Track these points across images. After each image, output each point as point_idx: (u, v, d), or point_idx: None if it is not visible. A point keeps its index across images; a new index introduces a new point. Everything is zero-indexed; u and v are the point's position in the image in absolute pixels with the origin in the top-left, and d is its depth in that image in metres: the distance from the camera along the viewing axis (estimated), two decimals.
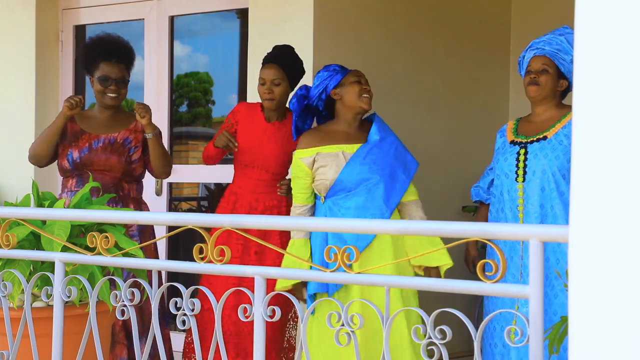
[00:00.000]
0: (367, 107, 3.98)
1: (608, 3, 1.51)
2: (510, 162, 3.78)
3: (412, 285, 2.74)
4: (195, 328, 2.48)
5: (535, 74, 3.76)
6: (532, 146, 3.76)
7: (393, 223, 2.50)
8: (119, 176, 4.30)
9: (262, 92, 4.29)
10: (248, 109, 4.39)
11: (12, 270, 2.95)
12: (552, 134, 3.74)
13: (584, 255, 1.55)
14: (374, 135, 3.97)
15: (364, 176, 3.88)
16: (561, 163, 3.66)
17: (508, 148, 3.84)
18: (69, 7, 5.99)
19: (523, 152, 3.76)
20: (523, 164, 3.74)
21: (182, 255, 5.57)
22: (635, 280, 1.48)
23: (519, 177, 3.74)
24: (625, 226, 1.49)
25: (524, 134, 3.83)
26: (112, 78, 4.31)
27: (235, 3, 5.44)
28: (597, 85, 1.53)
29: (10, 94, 5.92)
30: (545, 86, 3.76)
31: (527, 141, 3.79)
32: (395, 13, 5.33)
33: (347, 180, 3.89)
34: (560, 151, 3.67)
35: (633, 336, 1.48)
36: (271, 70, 4.27)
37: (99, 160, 4.28)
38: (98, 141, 4.32)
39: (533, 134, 3.80)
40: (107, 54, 4.35)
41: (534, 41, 3.83)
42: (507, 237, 2.18)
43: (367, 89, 3.99)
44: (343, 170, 3.89)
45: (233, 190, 4.36)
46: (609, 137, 1.51)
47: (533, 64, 3.78)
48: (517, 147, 3.80)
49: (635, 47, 1.48)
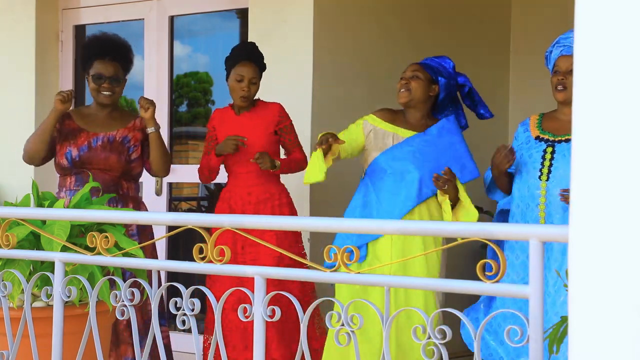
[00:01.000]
0: (401, 101, 4.07)
1: (608, 3, 1.51)
2: (536, 159, 3.71)
3: (412, 285, 2.74)
4: (195, 328, 2.48)
5: (563, 76, 3.69)
6: (561, 146, 3.68)
7: (393, 223, 2.50)
8: (118, 175, 4.30)
9: (238, 89, 4.35)
10: (220, 112, 4.49)
11: (12, 270, 2.95)
12: None
13: (584, 255, 1.55)
14: (432, 129, 4.03)
15: (402, 163, 3.95)
16: None
17: (533, 144, 3.76)
18: (69, 7, 5.99)
19: (550, 151, 3.69)
20: (549, 163, 3.67)
21: (182, 255, 5.57)
22: (635, 280, 1.48)
23: (542, 175, 3.67)
24: (625, 226, 1.49)
25: (551, 132, 3.76)
26: (106, 76, 4.31)
27: (235, 3, 5.44)
28: (597, 86, 1.53)
29: (10, 94, 5.91)
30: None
31: (554, 139, 3.71)
32: (395, 13, 5.33)
33: (383, 162, 3.98)
34: None
35: (633, 336, 1.48)
36: (250, 69, 4.34)
37: (99, 159, 4.27)
38: (97, 139, 4.30)
39: (561, 133, 3.72)
40: (101, 52, 4.34)
41: (561, 37, 3.75)
42: (507, 237, 2.18)
43: (403, 83, 4.06)
44: (385, 151, 3.99)
45: (227, 189, 4.44)
46: (609, 138, 1.51)
47: (561, 63, 3.71)
48: (544, 144, 3.72)
49: (636, 47, 1.48)
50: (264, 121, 4.36)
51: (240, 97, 4.35)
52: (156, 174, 4.50)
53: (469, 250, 5.05)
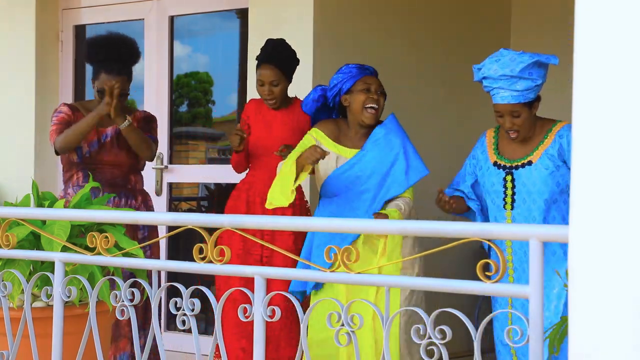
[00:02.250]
0: (369, 122, 3.89)
1: (608, 3, 1.51)
2: (497, 189, 3.61)
3: (412, 285, 2.73)
4: (195, 328, 2.48)
5: (510, 123, 3.54)
6: (518, 172, 3.58)
7: (393, 223, 2.50)
8: (126, 169, 4.37)
9: (261, 93, 4.34)
10: (256, 102, 4.46)
11: (12, 270, 2.95)
12: (536, 158, 3.57)
13: (584, 255, 1.55)
14: (369, 141, 3.88)
15: (351, 183, 3.85)
16: (551, 189, 3.51)
17: (493, 171, 3.64)
18: (69, 7, 5.99)
19: (510, 179, 3.59)
20: (511, 192, 3.57)
21: (182, 255, 5.57)
22: (635, 280, 1.48)
23: (507, 204, 3.58)
24: (625, 226, 1.49)
25: (508, 157, 3.64)
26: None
27: (235, 3, 5.44)
28: (597, 86, 1.53)
29: (10, 94, 5.91)
30: (524, 123, 3.54)
31: (512, 165, 3.60)
32: (395, 13, 5.33)
33: (332, 185, 3.88)
34: (548, 176, 3.52)
35: (633, 336, 1.48)
36: (268, 72, 4.29)
37: (109, 157, 4.33)
38: (106, 135, 4.34)
39: (516, 157, 3.61)
40: (110, 64, 4.32)
41: (489, 73, 3.54)
42: (507, 237, 2.18)
43: (375, 99, 3.87)
44: (331, 175, 3.88)
45: (247, 180, 4.38)
46: (609, 138, 1.51)
47: (501, 108, 3.54)
48: (502, 171, 3.61)
49: (635, 47, 1.48)
50: (297, 119, 4.34)
51: (266, 101, 4.34)
52: (144, 160, 4.52)
53: (469, 250, 5.05)
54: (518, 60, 3.48)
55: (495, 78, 3.50)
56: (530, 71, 3.47)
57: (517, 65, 3.46)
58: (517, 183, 3.56)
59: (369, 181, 3.83)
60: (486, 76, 3.54)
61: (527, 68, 3.46)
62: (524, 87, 3.47)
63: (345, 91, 3.91)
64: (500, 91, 3.50)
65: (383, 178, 3.83)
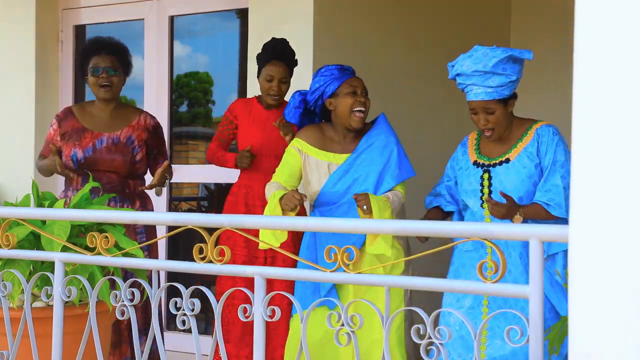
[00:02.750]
0: (357, 126, 3.78)
1: (608, 3, 1.51)
2: (475, 187, 3.53)
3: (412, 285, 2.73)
4: (195, 328, 2.48)
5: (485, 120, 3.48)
6: (495, 170, 3.50)
7: (393, 223, 2.50)
8: (124, 175, 4.30)
9: (267, 89, 4.32)
10: (244, 103, 4.45)
11: (12, 270, 2.95)
12: (514, 156, 3.49)
13: (584, 255, 1.55)
14: (362, 145, 3.80)
15: (347, 188, 3.75)
16: (527, 188, 3.43)
17: (472, 170, 3.57)
18: (69, 7, 5.99)
19: (487, 177, 3.51)
20: (488, 190, 3.49)
21: (182, 255, 5.57)
22: (636, 280, 1.48)
23: (484, 203, 3.48)
24: (625, 226, 1.49)
25: (487, 155, 3.57)
26: (102, 67, 4.29)
27: (235, 3, 5.44)
28: (597, 86, 1.53)
29: (11, 94, 5.92)
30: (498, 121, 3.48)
31: (490, 163, 3.53)
32: (395, 13, 5.33)
33: (330, 194, 3.77)
34: (525, 175, 3.44)
35: (633, 336, 1.48)
36: (280, 68, 4.30)
37: (104, 162, 4.26)
38: (101, 141, 4.30)
39: (495, 156, 3.54)
40: (98, 48, 4.36)
41: (462, 69, 3.49)
42: (507, 237, 2.18)
43: (362, 102, 3.78)
44: (326, 183, 3.77)
45: (242, 183, 4.37)
46: (609, 138, 1.51)
47: (475, 105, 3.48)
48: (480, 170, 3.54)
49: (635, 47, 1.48)
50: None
51: (271, 97, 4.32)
52: None
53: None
54: (491, 55, 3.41)
55: (468, 74, 3.43)
56: (504, 67, 3.40)
57: (489, 61, 3.39)
58: (493, 181, 3.49)
59: (366, 182, 3.76)
60: (459, 73, 3.48)
61: (501, 63, 3.39)
62: (497, 83, 3.40)
63: (330, 94, 3.81)
64: (474, 88, 3.44)
65: (380, 177, 3.77)
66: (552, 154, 3.43)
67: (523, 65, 3.50)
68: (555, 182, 3.38)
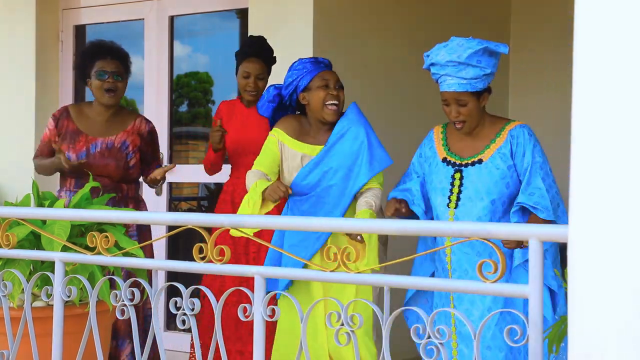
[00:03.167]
0: (331, 119, 3.74)
1: (608, 3, 1.51)
2: (444, 185, 3.45)
3: (412, 285, 2.73)
4: (195, 328, 2.48)
5: (457, 112, 3.43)
6: (468, 170, 3.43)
7: (392, 223, 2.50)
8: (117, 180, 4.29)
9: (244, 85, 4.37)
10: (228, 103, 4.50)
11: (12, 269, 2.95)
12: (487, 157, 3.42)
13: (584, 255, 1.55)
14: (333, 136, 3.73)
15: (318, 181, 3.71)
16: (500, 190, 3.37)
17: (441, 167, 3.48)
18: (69, 7, 5.99)
19: (458, 177, 3.43)
20: (458, 190, 3.41)
21: (182, 255, 5.58)
22: (636, 280, 1.48)
23: (451, 202, 3.42)
24: (624, 226, 1.49)
25: (458, 153, 3.49)
26: (109, 71, 4.28)
27: (235, 3, 5.44)
28: (597, 86, 1.53)
29: (11, 94, 5.92)
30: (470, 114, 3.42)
31: (462, 163, 3.45)
32: (395, 13, 5.34)
33: (302, 186, 3.72)
34: (498, 176, 3.37)
35: (633, 336, 1.48)
36: (256, 65, 4.35)
37: (97, 166, 4.24)
38: (95, 145, 4.28)
39: (467, 155, 3.47)
40: (102, 53, 4.34)
41: (437, 59, 3.43)
42: (507, 237, 2.18)
43: (334, 95, 3.73)
44: (297, 175, 3.72)
45: (231, 182, 4.42)
46: (609, 137, 1.51)
47: (447, 95, 3.44)
48: (451, 168, 3.46)
49: (635, 47, 1.48)
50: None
51: (248, 93, 4.37)
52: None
53: None
54: (466, 46, 3.36)
55: (442, 64, 3.38)
56: (479, 59, 3.35)
57: (464, 51, 3.34)
58: (465, 181, 3.41)
59: (336, 175, 3.70)
60: (434, 62, 3.42)
61: (476, 55, 3.35)
62: (471, 75, 3.35)
63: (303, 89, 3.76)
64: (447, 78, 3.38)
65: (349, 170, 3.70)
66: (530, 156, 3.38)
67: (498, 59, 3.44)
68: (538, 185, 3.33)
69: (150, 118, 5.58)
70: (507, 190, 3.38)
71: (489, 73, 3.39)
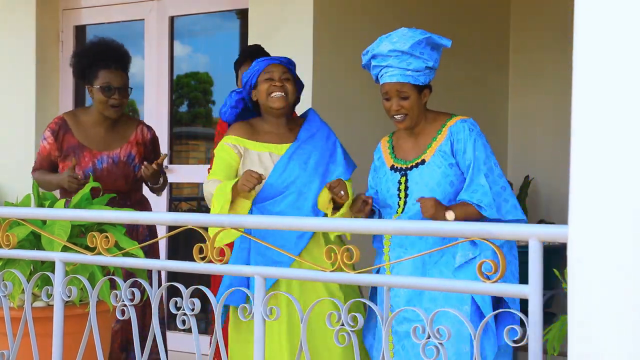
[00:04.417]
0: (277, 106, 3.59)
1: (607, 3, 1.51)
2: (393, 193, 3.37)
3: (412, 285, 2.73)
4: (195, 328, 2.48)
5: (397, 105, 3.35)
6: (412, 173, 3.34)
7: (392, 223, 2.50)
8: (125, 191, 4.20)
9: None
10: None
11: (13, 270, 2.96)
12: (429, 157, 3.33)
13: (583, 255, 1.55)
14: (303, 132, 3.64)
15: (295, 177, 3.57)
16: (444, 189, 3.27)
17: (390, 175, 3.40)
18: (70, 8, 5.99)
19: (404, 181, 3.35)
20: (404, 194, 3.34)
21: (182, 255, 5.58)
22: (635, 280, 1.48)
23: (399, 208, 3.33)
24: (624, 225, 1.49)
25: (403, 158, 3.41)
26: (115, 87, 4.12)
27: (235, 3, 5.44)
28: (596, 85, 1.53)
29: (11, 94, 5.92)
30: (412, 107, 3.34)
31: (406, 167, 3.37)
32: (395, 13, 5.34)
33: (277, 184, 3.56)
34: (440, 175, 3.28)
35: (633, 336, 1.48)
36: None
37: (106, 183, 4.08)
38: (101, 160, 4.16)
39: (411, 158, 3.38)
40: (106, 61, 4.16)
41: (376, 51, 3.33)
42: (507, 237, 2.18)
43: (279, 86, 3.60)
44: (271, 174, 3.56)
45: None
46: (608, 137, 1.51)
47: (388, 87, 3.35)
48: (398, 174, 3.38)
49: (635, 47, 1.48)
50: None
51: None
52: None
53: None
54: (409, 35, 3.30)
55: (384, 55, 3.31)
56: (422, 50, 3.29)
57: (407, 41, 3.27)
58: (410, 184, 3.33)
59: (317, 171, 3.59)
60: (375, 54, 3.34)
61: (418, 46, 3.28)
62: (414, 67, 3.29)
63: (254, 86, 3.67)
64: (389, 70, 3.31)
65: (327, 166, 3.61)
66: (471, 152, 3.28)
67: (440, 54, 3.39)
68: (481, 182, 3.24)
69: (150, 118, 5.58)
70: (451, 189, 3.29)
71: (432, 67, 3.34)
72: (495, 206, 3.23)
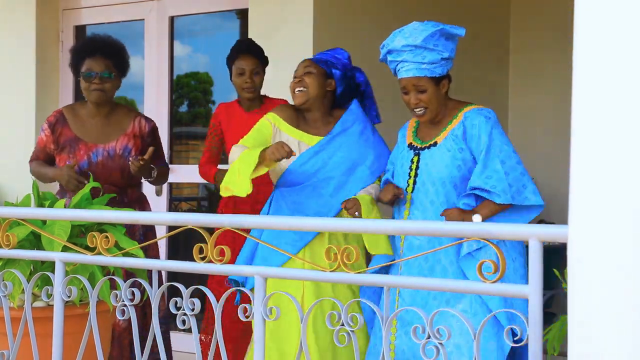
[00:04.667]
0: (297, 102, 3.68)
1: (607, 3, 1.51)
2: (405, 169, 3.43)
3: (412, 285, 2.73)
4: (195, 328, 2.48)
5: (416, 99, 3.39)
6: (424, 153, 3.40)
7: (391, 223, 2.50)
8: (122, 185, 4.20)
9: (241, 82, 4.31)
10: (227, 107, 4.44)
11: (13, 270, 2.96)
12: (442, 139, 3.38)
13: (583, 255, 1.55)
14: (337, 129, 3.69)
15: (315, 171, 3.62)
16: (450, 172, 3.31)
17: (405, 152, 3.47)
18: (70, 8, 5.99)
19: (416, 160, 3.41)
20: (415, 173, 3.39)
21: (182, 255, 5.58)
22: (635, 280, 1.48)
23: (409, 186, 3.39)
24: (624, 225, 1.49)
25: (421, 138, 3.47)
26: (95, 72, 4.14)
27: (235, 3, 5.44)
28: (596, 85, 1.53)
29: (11, 94, 5.92)
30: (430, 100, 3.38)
31: (421, 147, 3.43)
32: (395, 13, 5.34)
33: (298, 173, 3.63)
34: (448, 158, 3.32)
35: (633, 336, 1.48)
36: (249, 60, 4.31)
37: (101, 176, 4.10)
38: (97, 153, 4.17)
39: (427, 139, 3.44)
40: (92, 50, 4.20)
41: (391, 46, 3.40)
42: (507, 237, 2.19)
43: (297, 81, 3.69)
44: (295, 161, 3.62)
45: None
46: (608, 137, 1.51)
47: (406, 82, 3.39)
48: (412, 152, 3.44)
49: (635, 47, 1.48)
50: None
51: (245, 90, 4.30)
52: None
53: None
54: (421, 29, 3.33)
55: (399, 50, 3.35)
56: (436, 42, 3.31)
57: (420, 35, 3.30)
58: (421, 164, 3.38)
59: (338, 168, 3.64)
60: (390, 49, 3.39)
61: (432, 38, 3.30)
62: (429, 60, 3.31)
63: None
64: (405, 64, 3.35)
65: (353, 166, 3.65)
66: (486, 138, 3.30)
67: (456, 44, 3.40)
68: (496, 168, 3.26)
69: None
70: (458, 173, 3.31)
71: (447, 58, 3.35)
72: (510, 193, 3.25)
